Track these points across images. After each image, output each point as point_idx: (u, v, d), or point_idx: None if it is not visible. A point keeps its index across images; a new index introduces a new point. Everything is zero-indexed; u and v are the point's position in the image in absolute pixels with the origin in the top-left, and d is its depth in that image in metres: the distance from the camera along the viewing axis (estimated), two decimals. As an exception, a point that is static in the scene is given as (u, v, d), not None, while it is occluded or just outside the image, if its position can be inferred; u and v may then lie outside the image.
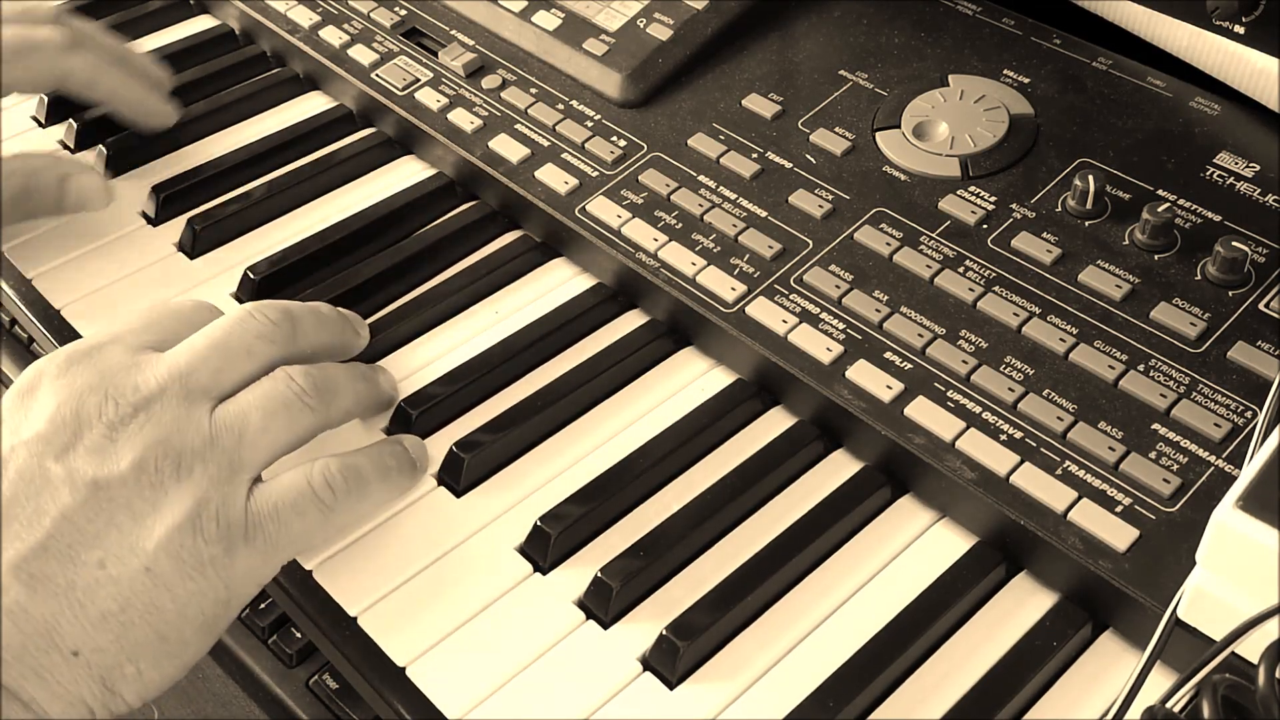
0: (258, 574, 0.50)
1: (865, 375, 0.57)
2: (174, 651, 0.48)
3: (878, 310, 0.59)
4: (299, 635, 0.65)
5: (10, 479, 0.48)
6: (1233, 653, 0.38)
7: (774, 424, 0.60)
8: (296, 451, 0.54)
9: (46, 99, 0.78)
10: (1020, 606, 0.52)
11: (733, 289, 0.61)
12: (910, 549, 0.54)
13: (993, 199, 0.63)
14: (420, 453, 0.58)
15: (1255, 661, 0.37)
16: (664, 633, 0.51)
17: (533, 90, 0.74)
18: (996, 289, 0.59)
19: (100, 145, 0.75)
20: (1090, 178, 0.61)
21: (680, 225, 0.65)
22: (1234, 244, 0.57)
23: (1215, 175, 0.62)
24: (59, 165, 0.69)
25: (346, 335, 0.60)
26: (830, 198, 0.65)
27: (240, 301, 0.67)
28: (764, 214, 0.64)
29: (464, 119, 0.73)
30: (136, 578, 0.47)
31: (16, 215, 0.68)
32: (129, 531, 0.48)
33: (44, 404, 0.50)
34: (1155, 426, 0.53)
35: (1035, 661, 0.50)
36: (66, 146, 0.76)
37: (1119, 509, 0.51)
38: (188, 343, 0.53)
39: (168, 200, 0.72)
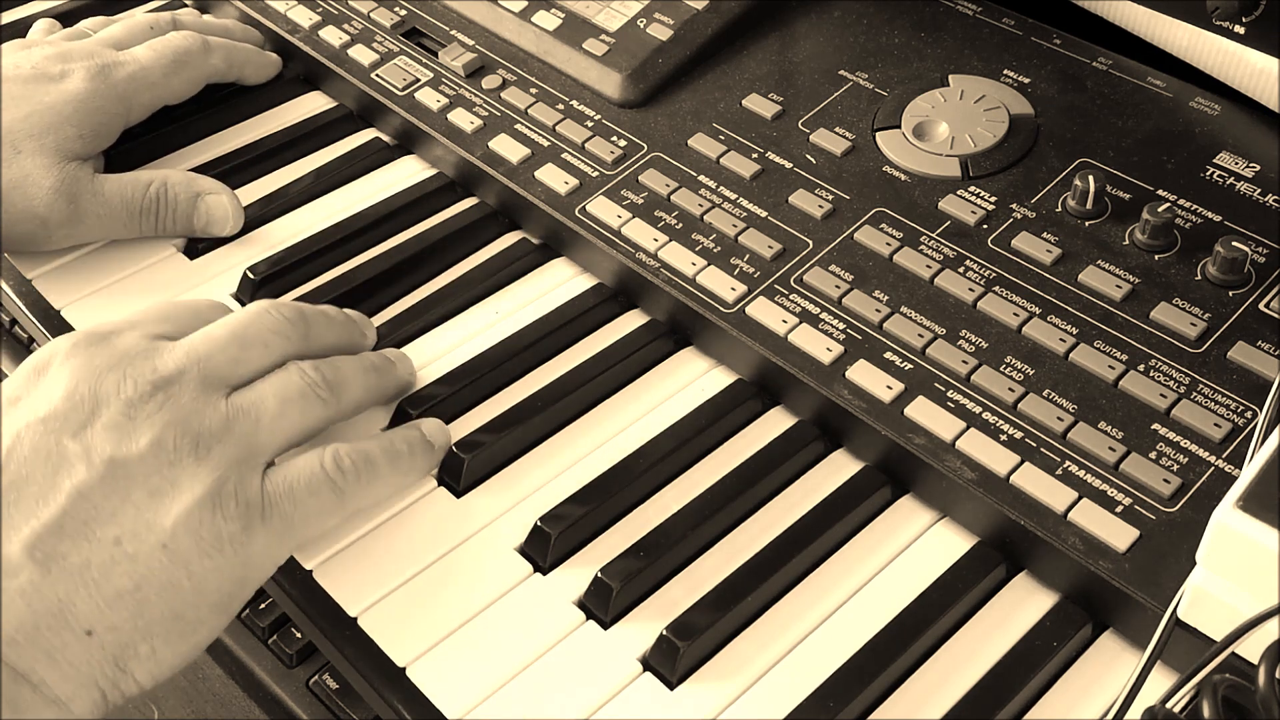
0: (274, 553, 0.51)
1: (865, 375, 0.57)
2: (188, 631, 0.48)
3: (878, 310, 0.59)
4: (299, 635, 0.65)
5: (24, 456, 0.48)
6: (1233, 653, 0.38)
7: (774, 424, 0.60)
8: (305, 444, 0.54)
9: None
10: (1020, 606, 0.52)
11: (733, 289, 0.61)
12: (910, 549, 0.54)
13: (993, 199, 0.63)
14: (440, 436, 0.58)
15: (1255, 662, 0.37)
16: (664, 633, 0.51)
17: (533, 90, 0.74)
18: (996, 289, 0.59)
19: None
20: (1090, 178, 0.60)
21: (680, 225, 0.65)
22: (1234, 244, 0.57)
23: (1215, 175, 0.62)
24: (195, 183, 0.71)
25: (355, 336, 0.61)
26: (830, 198, 0.65)
27: (241, 302, 0.67)
28: (764, 214, 0.64)
29: (464, 119, 0.73)
30: (153, 555, 0.47)
31: (149, 227, 0.69)
32: (146, 509, 0.48)
33: (59, 381, 0.50)
34: (1155, 426, 0.53)
35: (1035, 661, 0.50)
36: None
37: (1119, 509, 0.51)
38: (205, 331, 0.54)
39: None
